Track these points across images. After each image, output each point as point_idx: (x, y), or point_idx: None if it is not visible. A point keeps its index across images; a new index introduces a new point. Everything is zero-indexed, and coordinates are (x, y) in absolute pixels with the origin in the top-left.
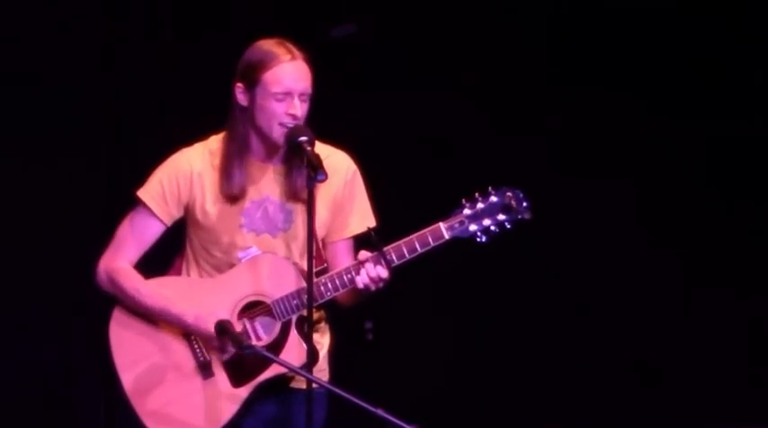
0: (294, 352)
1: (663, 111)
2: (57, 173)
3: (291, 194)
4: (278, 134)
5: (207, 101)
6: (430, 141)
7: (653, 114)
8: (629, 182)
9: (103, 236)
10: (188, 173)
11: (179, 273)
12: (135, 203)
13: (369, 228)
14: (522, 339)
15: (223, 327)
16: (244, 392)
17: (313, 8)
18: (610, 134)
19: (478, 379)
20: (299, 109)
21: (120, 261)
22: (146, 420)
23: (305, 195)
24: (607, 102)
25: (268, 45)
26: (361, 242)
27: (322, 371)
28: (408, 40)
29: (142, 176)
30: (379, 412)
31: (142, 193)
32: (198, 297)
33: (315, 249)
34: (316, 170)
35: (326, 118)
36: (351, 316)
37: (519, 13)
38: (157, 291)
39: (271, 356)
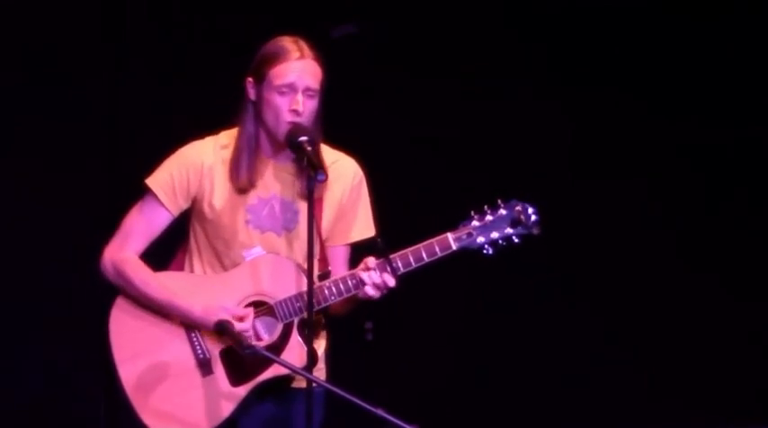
0: (295, 353)
1: (667, 111)
2: (56, 172)
3: (299, 194)
4: (282, 131)
5: (206, 100)
6: (431, 142)
7: (656, 114)
8: (631, 184)
9: (104, 236)
10: (199, 166)
11: (181, 266)
12: (143, 192)
13: (376, 235)
14: (523, 339)
15: (223, 327)
16: (242, 391)
17: (313, 8)
18: (615, 135)
19: (479, 380)
20: (302, 104)
21: (126, 251)
22: (142, 414)
23: None
24: (612, 102)
25: (282, 42)
26: (366, 248)
27: (319, 371)
28: (409, 40)
29: (143, 175)
30: (379, 412)
31: (151, 182)
32: (201, 294)
33: (319, 251)
34: (316, 170)
35: (326, 119)
36: (351, 317)
37: (522, 12)
38: (165, 284)
39: (271, 356)
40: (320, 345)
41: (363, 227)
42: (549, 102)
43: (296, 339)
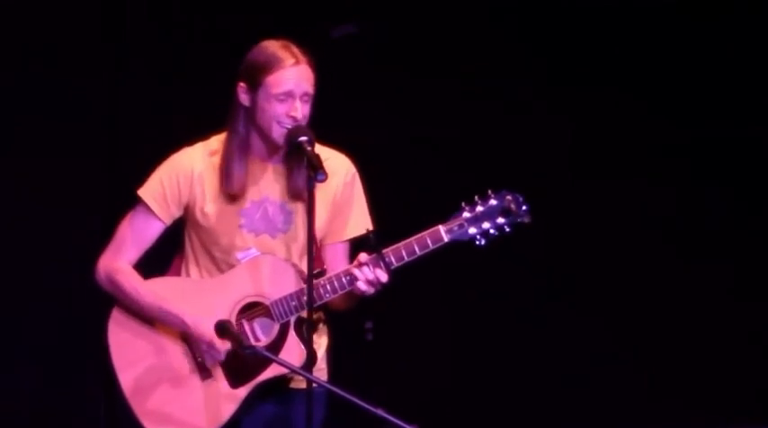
0: (292, 353)
1: (667, 111)
2: (56, 172)
3: (292, 195)
4: (278, 134)
5: (206, 100)
6: (431, 142)
7: (656, 114)
8: (631, 184)
9: (104, 236)
10: (189, 173)
11: (178, 273)
12: (135, 202)
13: (368, 231)
14: (523, 339)
15: (223, 327)
16: (242, 392)
17: (313, 8)
18: (615, 135)
19: (479, 379)
20: (300, 110)
21: (119, 260)
22: (144, 420)
23: (305, 196)
24: (612, 102)
25: (273, 48)
26: (359, 244)
27: (320, 371)
28: (409, 40)
29: (143, 175)
30: (379, 412)
31: (143, 192)
32: (197, 297)
33: (314, 250)
34: (316, 170)
35: (326, 119)
36: (351, 316)
37: (522, 12)
38: (156, 292)
39: (271, 356)
40: (321, 344)
41: (359, 223)
42: (549, 102)
43: (293, 338)
